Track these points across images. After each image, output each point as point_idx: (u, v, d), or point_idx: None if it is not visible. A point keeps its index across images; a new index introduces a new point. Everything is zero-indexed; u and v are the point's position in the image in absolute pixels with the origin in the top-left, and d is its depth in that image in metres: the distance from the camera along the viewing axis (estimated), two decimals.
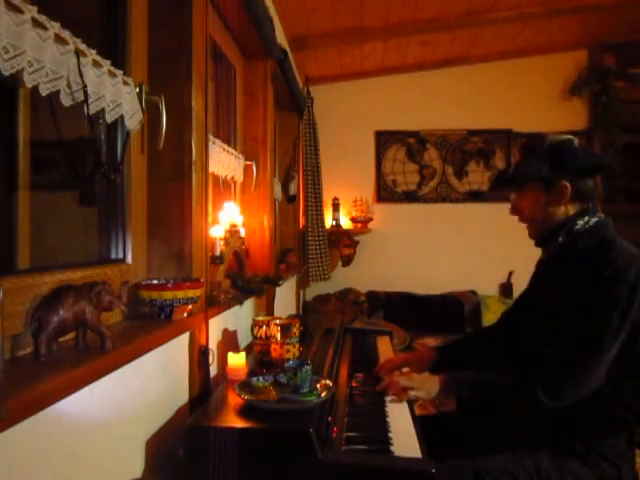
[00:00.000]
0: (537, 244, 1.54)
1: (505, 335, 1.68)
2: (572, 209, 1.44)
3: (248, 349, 1.76)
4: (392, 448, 1.17)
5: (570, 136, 1.48)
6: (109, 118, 1.04)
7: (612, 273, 1.30)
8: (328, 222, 4.13)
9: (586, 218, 1.42)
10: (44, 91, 0.84)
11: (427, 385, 1.47)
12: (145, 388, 1.11)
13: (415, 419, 1.38)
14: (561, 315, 1.35)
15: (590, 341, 1.30)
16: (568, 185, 1.41)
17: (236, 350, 1.56)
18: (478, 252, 4.20)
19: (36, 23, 0.81)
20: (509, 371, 1.42)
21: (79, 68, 0.91)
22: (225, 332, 1.65)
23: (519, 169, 1.50)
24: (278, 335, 1.45)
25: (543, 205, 1.45)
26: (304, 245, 3.64)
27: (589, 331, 1.30)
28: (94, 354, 0.89)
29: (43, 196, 1.06)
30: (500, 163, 4.33)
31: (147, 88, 1.20)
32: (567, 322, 1.33)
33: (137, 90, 1.16)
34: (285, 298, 3.02)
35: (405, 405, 1.47)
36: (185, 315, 1.25)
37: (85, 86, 0.92)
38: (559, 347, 1.32)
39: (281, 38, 2.82)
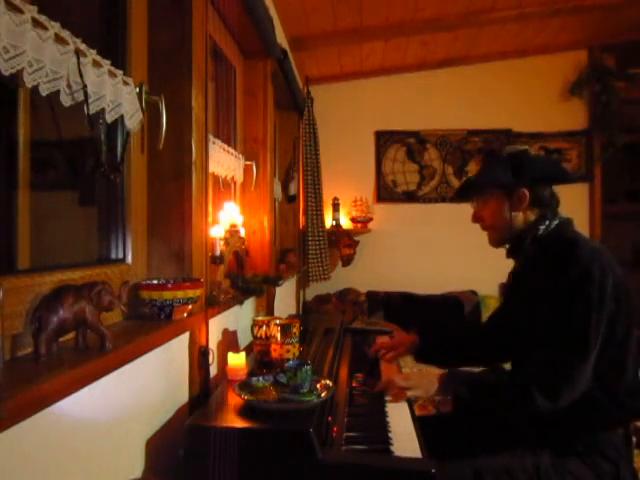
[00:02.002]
0: (508, 255, 1.60)
1: (484, 345, 1.75)
2: (531, 215, 1.50)
3: (248, 349, 1.76)
4: (392, 448, 1.18)
5: (525, 147, 1.57)
6: (109, 118, 1.04)
7: (579, 271, 1.35)
8: (328, 222, 4.12)
9: (547, 222, 1.48)
10: (44, 91, 0.84)
11: (424, 384, 1.48)
12: (145, 388, 1.11)
13: (415, 419, 1.38)
14: (543, 319, 1.38)
15: (576, 344, 1.33)
16: (527, 192, 1.48)
17: (236, 350, 1.56)
18: (478, 252, 4.17)
19: (36, 23, 0.81)
20: (506, 373, 1.44)
21: (79, 68, 0.91)
22: (225, 332, 1.65)
23: (482, 177, 1.57)
24: (278, 335, 1.45)
25: (504, 211, 1.51)
26: (304, 245, 3.64)
27: (572, 335, 1.33)
28: (94, 354, 0.89)
29: (43, 196, 1.06)
30: None
31: (147, 88, 1.20)
32: (550, 326, 1.36)
33: (137, 90, 1.16)
34: (285, 298, 3.02)
35: (405, 405, 1.47)
36: (185, 315, 1.25)
37: (85, 86, 0.92)
38: (549, 351, 1.35)
39: (281, 38, 2.82)
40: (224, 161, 1.87)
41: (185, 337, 1.32)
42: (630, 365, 1.39)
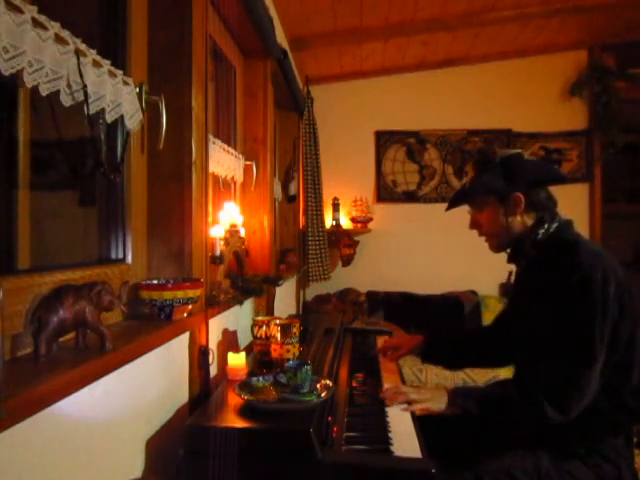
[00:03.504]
0: (509, 260, 1.59)
1: (490, 347, 1.75)
2: (529, 220, 1.49)
3: (248, 349, 1.76)
4: (392, 448, 1.17)
5: (519, 150, 1.56)
6: (109, 118, 1.04)
7: (581, 278, 1.33)
8: (328, 222, 4.12)
9: (546, 226, 1.47)
10: (44, 91, 0.84)
11: (436, 397, 1.47)
12: (145, 388, 1.11)
13: (415, 419, 1.38)
14: (544, 325, 1.37)
15: (583, 353, 1.32)
16: (522, 196, 1.47)
17: (236, 350, 1.56)
18: (478, 252, 4.16)
19: (36, 23, 0.81)
20: (514, 386, 1.43)
21: (79, 68, 0.91)
22: (225, 332, 1.65)
23: (474, 184, 1.58)
24: (278, 335, 1.45)
25: (500, 217, 1.51)
26: (304, 245, 3.64)
27: (578, 344, 1.32)
28: (94, 354, 0.89)
29: (43, 196, 1.06)
30: None
31: (147, 88, 1.20)
32: (554, 335, 1.35)
33: (137, 90, 1.16)
34: (285, 298, 3.02)
35: (405, 405, 1.46)
36: (185, 315, 1.25)
37: (85, 86, 0.92)
38: (555, 361, 1.34)
39: (281, 38, 2.82)
40: (224, 161, 1.87)
41: (185, 337, 1.32)
42: (636, 367, 1.38)
